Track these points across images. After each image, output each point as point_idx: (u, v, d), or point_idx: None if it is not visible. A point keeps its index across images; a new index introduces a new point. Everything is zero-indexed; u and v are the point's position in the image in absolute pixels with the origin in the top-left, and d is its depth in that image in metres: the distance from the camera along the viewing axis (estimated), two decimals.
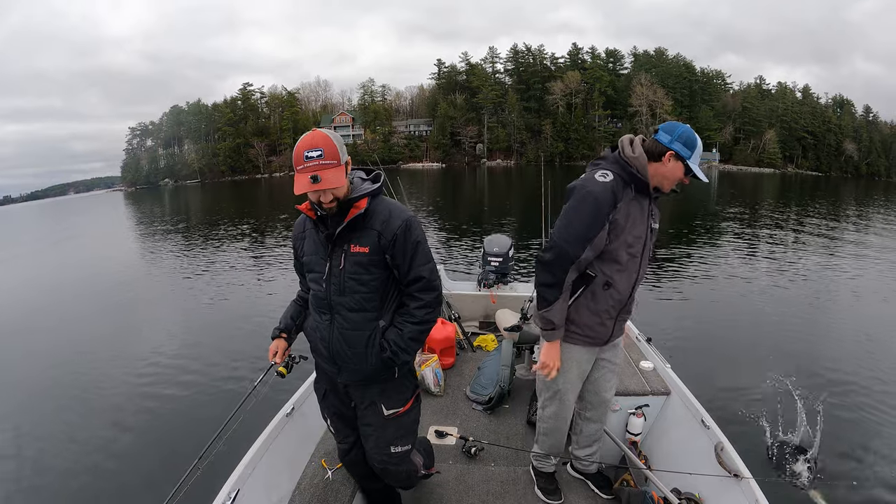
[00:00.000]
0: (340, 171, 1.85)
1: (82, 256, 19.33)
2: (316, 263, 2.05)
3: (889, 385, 5.75)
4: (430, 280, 2.04)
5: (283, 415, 2.94)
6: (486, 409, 3.67)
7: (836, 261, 13.11)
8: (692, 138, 2.14)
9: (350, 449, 2.35)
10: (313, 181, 1.78)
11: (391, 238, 1.94)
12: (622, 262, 2.23)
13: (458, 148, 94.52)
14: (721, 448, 2.58)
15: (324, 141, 1.82)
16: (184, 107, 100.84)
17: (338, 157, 1.84)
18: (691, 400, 3.06)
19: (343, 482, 2.64)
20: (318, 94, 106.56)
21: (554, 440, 2.68)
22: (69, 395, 6.12)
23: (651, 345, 3.81)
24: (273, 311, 8.76)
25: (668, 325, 7.36)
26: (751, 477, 2.33)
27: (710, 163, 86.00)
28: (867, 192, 46.63)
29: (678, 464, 2.79)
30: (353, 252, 1.96)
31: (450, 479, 2.91)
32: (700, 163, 2.18)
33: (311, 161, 1.79)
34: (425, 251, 2.03)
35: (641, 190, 2.20)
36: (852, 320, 8.27)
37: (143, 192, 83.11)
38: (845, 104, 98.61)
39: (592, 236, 2.12)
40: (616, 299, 2.29)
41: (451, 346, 4.36)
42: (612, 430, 3.11)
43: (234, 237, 19.13)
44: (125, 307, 10.47)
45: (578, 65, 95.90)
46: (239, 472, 2.38)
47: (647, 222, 2.27)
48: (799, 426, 4.70)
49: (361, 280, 1.98)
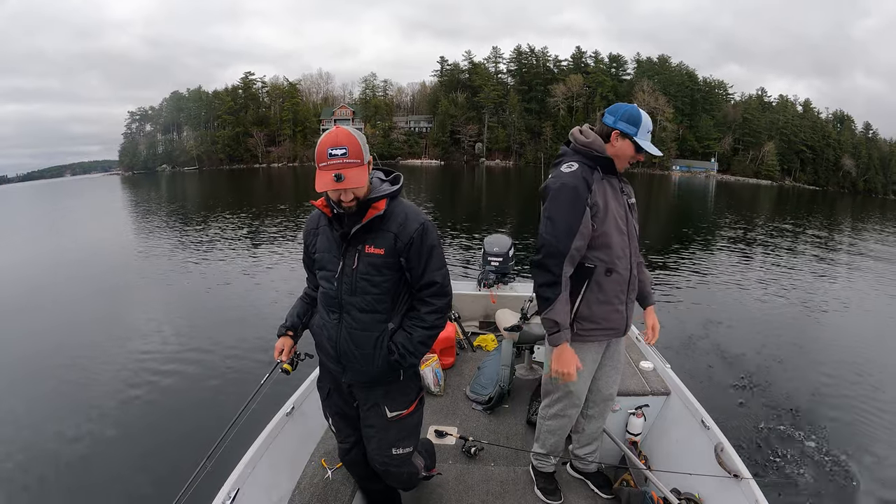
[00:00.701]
0: (364, 171, 1.84)
1: (78, 239, 19.16)
2: (328, 261, 2.03)
3: (887, 387, 5.80)
4: (444, 285, 2.04)
5: (283, 414, 2.91)
6: (486, 409, 3.65)
7: (832, 270, 13.29)
8: (635, 115, 2.22)
9: (351, 449, 2.33)
10: (337, 180, 1.76)
11: (407, 241, 1.93)
12: (614, 245, 2.28)
13: (457, 146, 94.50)
14: (721, 448, 2.58)
15: (348, 139, 1.80)
16: (184, 93, 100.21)
17: (361, 157, 1.82)
18: (691, 400, 3.06)
19: (343, 482, 2.62)
20: (320, 86, 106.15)
21: (558, 439, 2.68)
22: (66, 385, 6.04)
23: (651, 345, 3.81)
24: (273, 302, 8.77)
25: (669, 326, 7.42)
26: (751, 477, 2.33)
27: (708, 172, 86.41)
28: (864, 208, 46.98)
29: (678, 464, 2.79)
30: (368, 253, 1.94)
31: (450, 479, 2.89)
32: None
33: (335, 159, 1.77)
34: (440, 256, 2.03)
35: (607, 170, 2.29)
36: (851, 324, 8.44)
37: (141, 177, 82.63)
38: (845, 120, 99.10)
39: (577, 225, 2.17)
40: (621, 283, 2.34)
41: (451, 345, 4.34)
42: (612, 430, 3.10)
43: (234, 226, 19.10)
44: (122, 298, 10.40)
45: (581, 68, 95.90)
46: (239, 472, 2.37)
47: (622, 199, 2.35)
48: (799, 426, 4.73)
49: (374, 281, 1.96)
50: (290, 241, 15.26)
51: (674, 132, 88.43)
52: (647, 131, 2.24)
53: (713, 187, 62.85)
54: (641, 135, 2.23)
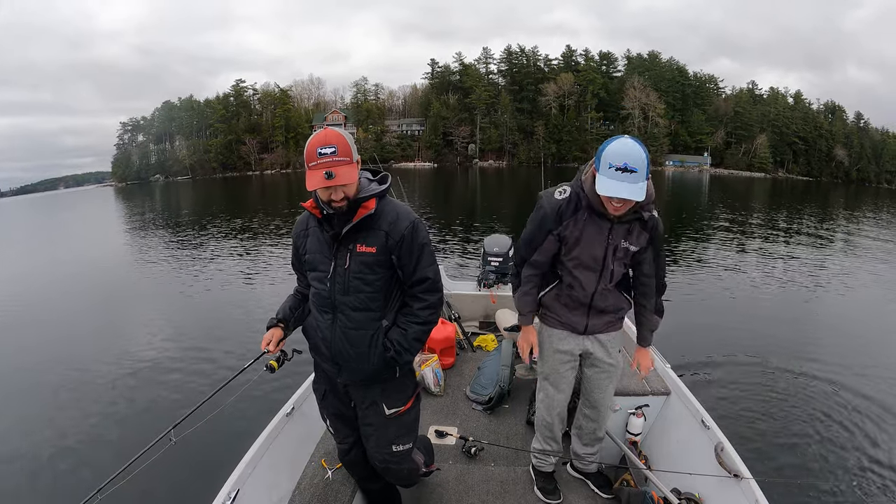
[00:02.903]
0: (353, 169, 1.87)
1: (75, 251, 19.04)
2: (320, 262, 2.04)
3: (890, 384, 5.79)
4: (435, 281, 2.07)
5: (283, 415, 2.92)
6: (486, 409, 3.66)
7: (833, 264, 13.28)
8: (601, 150, 2.02)
9: (350, 449, 2.35)
10: (327, 177, 1.79)
11: (399, 239, 1.96)
12: (578, 275, 2.33)
13: (450, 148, 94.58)
14: (721, 448, 2.58)
15: (337, 138, 1.83)
16: (176, 102, 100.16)
17: (350, 155, 1.86)
18: (691, 400, 3.06)
19: (343, 482, 2.63)
20: (311, 92, 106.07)
21: (546, 432, 2.71)
22: (58, 387, 6.09)
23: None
24: (266, 305, 8.73)
25: (668, 326, 7.29)
26: (751, 477, 2.33)
27: (701, 166, 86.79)
28: (858, 198, 47.17)
29: (678, 464, 2.80)
30: (360, 252, 1.97)
31: (450, 478, 2.90)
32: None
33: (325, 157, 1.80)
34: (430, 253, 2.06)
35: (593, 209, 2.19)
36: (853, 323, 8.37)
37: (134, 188, 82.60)
38: (837, 110, 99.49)
39: (537, 244, 2.31)
40: (580, 301, 2.39)
41: (451, 346, 4.35)
42: (612, 430, 3.10)
43: (228, 234, 19.03)
44: (117, 310, 10.30)
45: (572, 67, 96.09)
46: (239, 472, 2.37)
47: (606, 243, 2.24)
48: (799, 426, 4.72)
49: (366, 280, 1.98)
50: (284, 247, 15.18)
51: (666, 128, 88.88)
52: (609, 166, 1.96)
53: (707, 181, 63.07)
54: (603, 169, 1.99)
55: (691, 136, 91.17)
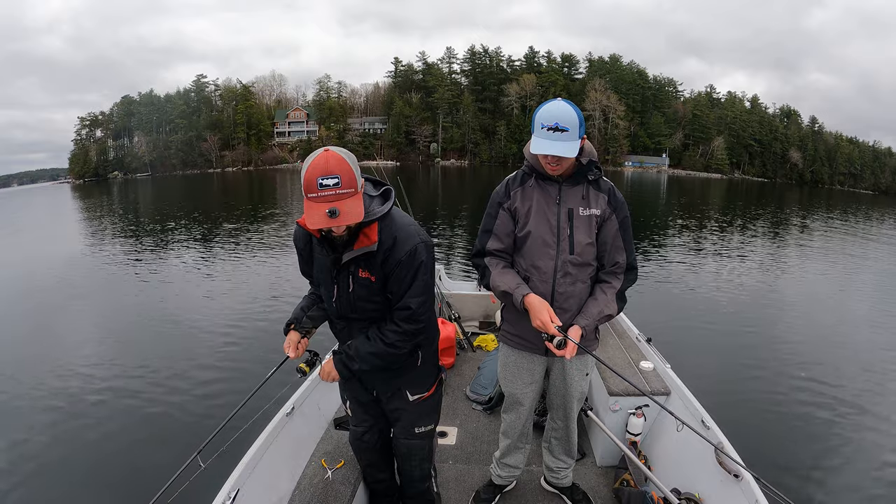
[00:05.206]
0: (359, 201, 1.64)
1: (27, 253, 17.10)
2: (324, 282, 1.99)
3: (888, 385, 5.87)
4: (416, 312, 1.91)
5: (283, 415, 2.89)
6: (486, 409, 3.69)
7: (834, 267, 13.46)
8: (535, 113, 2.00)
9: (364, 433, 2.37)
10: (331, 215, 1.57)
11: (394, 265, 1.84)
12: (530, 253, 2.16)
13: (412, 147, 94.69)
14: (721, 448, 2.53)
15: (339, 166, 1.59)
16: (135, 97, 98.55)
17: (355, 185, 1.63)
18: (691, 400, 3.00)
19: (343, 482, 2.60)
20: (273, 89, 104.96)
21: (507, 441, 2.63)
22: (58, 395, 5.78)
23: (651, 345, 3.73)
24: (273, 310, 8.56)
25: (668, 326, 7.36)
26: (751, 477, 2.25)
27: (660, 167, 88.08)
28: (812, 198, 47.86)
29: (678, 464, 2.82)
30: (361, 277, 1.88)
31: (450, 479, 2.92)
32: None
33: (327, 190, 1.57)
34: (424, 283, 1.91)
35: (541, 175, 2.15)
36: (853, 324, 8.45)
37: (92, 185, 79.77)
38: (792, 114, 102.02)
39: (490, 228, 2.21)
40: (540, 293, 2.11)
41: (451, 346, 4.39)
42: (613, 430, 3.08)
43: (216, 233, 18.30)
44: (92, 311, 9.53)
45: (534, 68, 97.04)
46: (239, 472, 2.33)
47: (557, 207, 2.14)
48: (799, 426, 4.77)
49: (372, 300, 1.93)
50: (274, 252, 14.26)
51: (626, 129, 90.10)
52: (541, 126, 1.94)
53: (665, 182, 63.80)
54: (536, 130, 1.97)
55: (650, 137, 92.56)
